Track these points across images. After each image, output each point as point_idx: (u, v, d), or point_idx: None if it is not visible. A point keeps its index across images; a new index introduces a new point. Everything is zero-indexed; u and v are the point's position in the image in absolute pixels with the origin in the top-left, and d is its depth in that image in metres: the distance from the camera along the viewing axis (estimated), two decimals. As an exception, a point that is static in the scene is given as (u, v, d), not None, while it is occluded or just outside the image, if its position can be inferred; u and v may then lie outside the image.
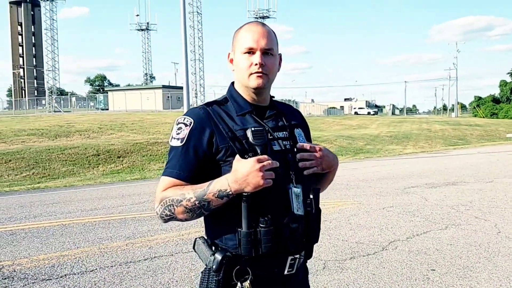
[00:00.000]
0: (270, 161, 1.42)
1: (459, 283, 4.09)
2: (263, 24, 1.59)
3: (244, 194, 1.40)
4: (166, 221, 1.51)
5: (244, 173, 1.39)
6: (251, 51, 1.53)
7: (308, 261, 1.68)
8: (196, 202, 1.43)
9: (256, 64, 1.52)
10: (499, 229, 6.04)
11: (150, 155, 16.36)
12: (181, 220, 1.49)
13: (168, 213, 1.47)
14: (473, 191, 9.28)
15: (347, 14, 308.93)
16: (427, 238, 5.64)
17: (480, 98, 78.97)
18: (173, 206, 1.45)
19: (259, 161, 1.40)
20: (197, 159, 1.50)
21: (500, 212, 7.13)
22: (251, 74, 1.53)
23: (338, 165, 1.70)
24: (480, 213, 7.04)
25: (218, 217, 1.52)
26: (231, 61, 1.62)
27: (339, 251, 5.11)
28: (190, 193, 1.43)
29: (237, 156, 1.44)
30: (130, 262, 4.81)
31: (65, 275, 4.43)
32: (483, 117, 66.19)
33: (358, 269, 4.51)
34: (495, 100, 74.86)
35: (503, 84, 73.12)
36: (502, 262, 4.67)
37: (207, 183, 1.45)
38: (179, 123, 1.54)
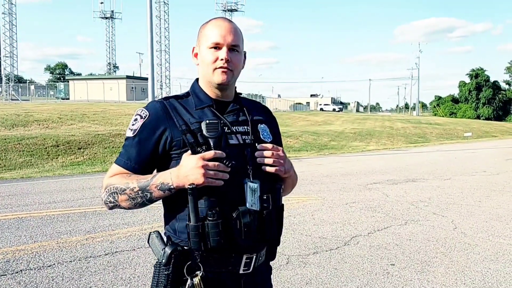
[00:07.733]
0: (216, 163, 1.40)
1: (417, 277, 4.21)
2: (230, 21, 1.60)
3: (188, 187, 1.39)
4: (110, 208, 1.55)
5: (187, 169, 1.41)
6: (217, 46, 1.53)
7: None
8: (139, 192, 1.46)
9: (221, 59, 1.52)
10: (455, 225, 6.26)
11: (113, 147, 15.99)
12: (124, 208, 1.52)
13: (112, 200, 1.51)
14: (432, 188, 9.58)
15: (315, 11, 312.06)
16: (387, 233, 5.78)
17: (440, 97, 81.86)
18: (116, 194, 1.49)
19: (203, 158, 1.40)
20: (145, 151, 1.52)
21: (457, 208, 7.39)
22: (216, 69, 1.53)
23: (295, 174, 1.71)
24: (438, 210, 7.27)
25: (173, 210, 1.53)
26: (196, 55, 1.62)
27: (303, 246, 5.16)
28: (134, 183, 1.47)
29: (188, 152, 1.45)
30: (90, 257, 4.69)
31: (21, 270, 4.27)
32: (443, 116, 68.54)
33: (321, 264, 4.57)
34: (454, 100, 77.71)
35: (462, 84, 75.81)
36: (458, 257, 4.84)
37: (152, 174, 1.49)
38: (136, 114, 1.58)
